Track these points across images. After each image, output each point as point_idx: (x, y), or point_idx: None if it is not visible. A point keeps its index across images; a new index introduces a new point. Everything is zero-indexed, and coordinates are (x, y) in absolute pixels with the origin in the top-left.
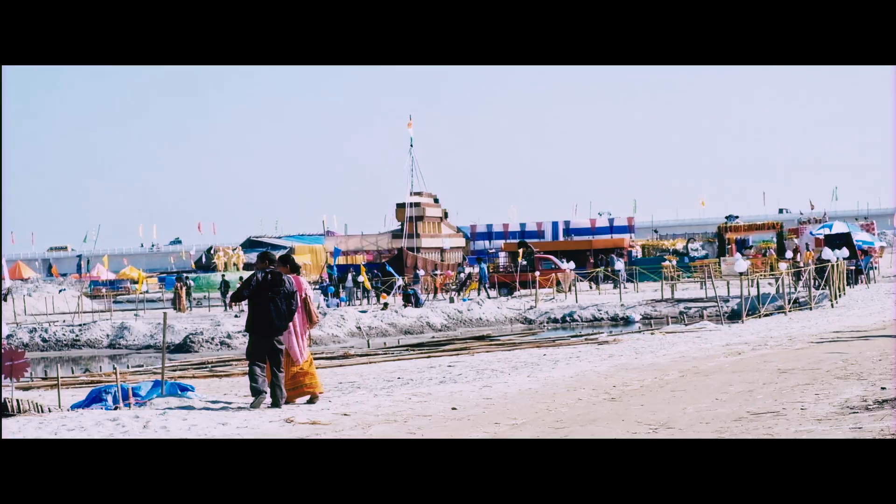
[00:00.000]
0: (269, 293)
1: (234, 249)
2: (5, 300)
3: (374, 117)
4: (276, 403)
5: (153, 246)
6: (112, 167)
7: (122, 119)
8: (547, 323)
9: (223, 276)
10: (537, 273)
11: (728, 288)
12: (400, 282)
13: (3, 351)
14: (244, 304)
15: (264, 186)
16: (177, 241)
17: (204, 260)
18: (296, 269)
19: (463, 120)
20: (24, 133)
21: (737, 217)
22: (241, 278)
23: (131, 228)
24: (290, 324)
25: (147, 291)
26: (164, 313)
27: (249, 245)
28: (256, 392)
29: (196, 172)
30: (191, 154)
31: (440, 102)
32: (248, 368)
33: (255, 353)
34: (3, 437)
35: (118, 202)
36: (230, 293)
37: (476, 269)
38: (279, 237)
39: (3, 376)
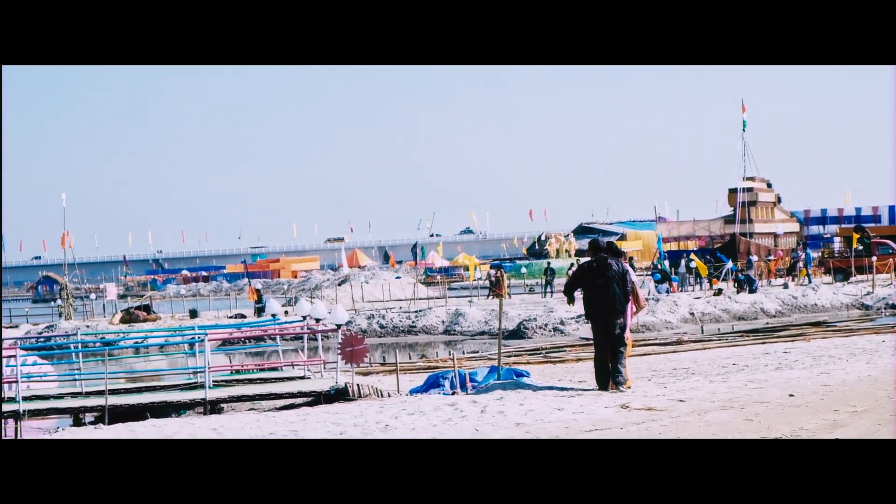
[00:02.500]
0: (598, 280)
1: (565, 236)
2: (340, 287)
3: (706, 101)
4: (615, 386)
5: (482, 233)
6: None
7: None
8: (885, 309)
9: (548, 263)
10: (874, 258)
11: None
12: (732, 267)
13: (343, 337)
14: (578, 294)
15: (595, 173)
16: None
17: (536, 247)
18: (618, 255)
19: (796, 104)
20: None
21: None
22: (571, 265)
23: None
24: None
25: (480, 278)
26: (500, 300)
27: (581, 231)
28: (598, 379)
29: (527, 159)
30: (521, 141)
31: (774, 86)
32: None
33: (596, 338)
34: (347, 421)
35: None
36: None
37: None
38: (610, 223)
39: (343, 361)
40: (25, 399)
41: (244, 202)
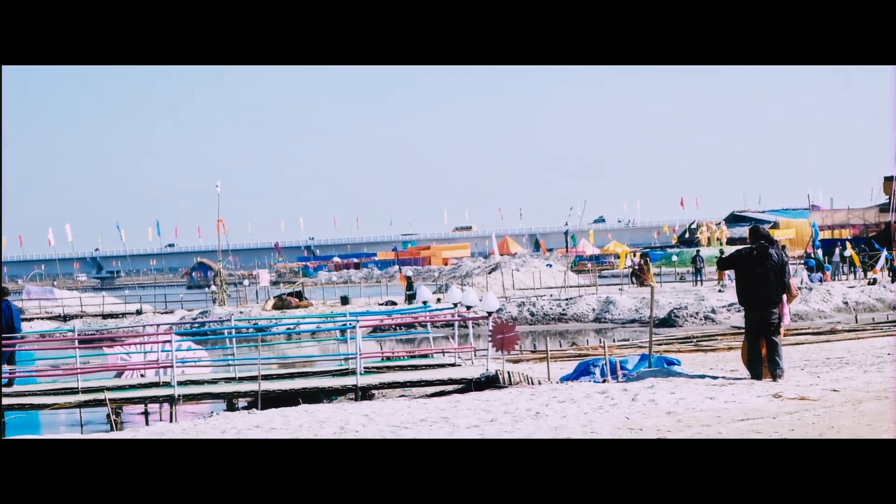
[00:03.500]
0: (756, 268)
1: (717, 224)
2: (490, 274)
3: (860, 89)
4: (768, 376)
5: (629, 221)
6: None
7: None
8: None
9: (697, 251)
10: None
11: None
12: (887, 256)
13: (494, 324)
14: (727, 280)
15: (747, 160)
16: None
17: (687, 235)
18: (771, 243)
19: None
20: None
21: None
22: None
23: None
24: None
25: (630, 266)
26: (651, 288)
27: (733, 220)
28: (751, 367)
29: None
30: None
31: None
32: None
33: (749, 327)
34: (498, 409)
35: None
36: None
37: None
38: (762, 211)
39: (494, 349)
40: (180, 384)
41: (396, 189)
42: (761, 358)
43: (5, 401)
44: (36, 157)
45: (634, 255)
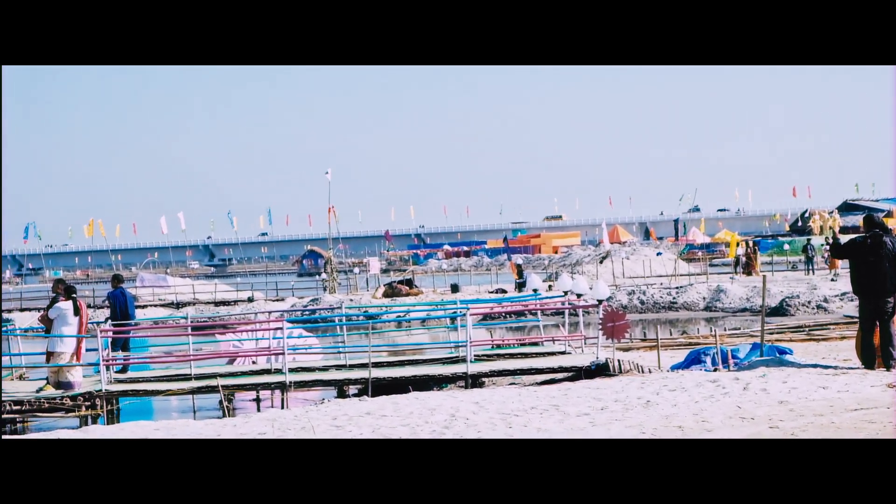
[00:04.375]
0: (869, 257)
1: (829, 213)
2: (601, 263)
3: None
4: (882, 365)
5: (738, 210)
6: (712, 130)
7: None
8: None
9: (808, 240)
10: None
11: None
12: None
13: (604, 313)
14: (840, 269)
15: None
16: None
17: (799, 223)
18: (884, 231)
19: None
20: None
21: None
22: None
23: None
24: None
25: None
26: (763, 276)
27: (846, 209)
28: (864, 357)
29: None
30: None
31: None
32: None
33: (863, 316)
34: (608, 396)
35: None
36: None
37: None
38: (876, 200)
39: (604, 337)
40: (291, 371)
41: (506, 177)
42: (874, 347)
43: (120, 387)
44: (150, 146)
45: (744, 245)
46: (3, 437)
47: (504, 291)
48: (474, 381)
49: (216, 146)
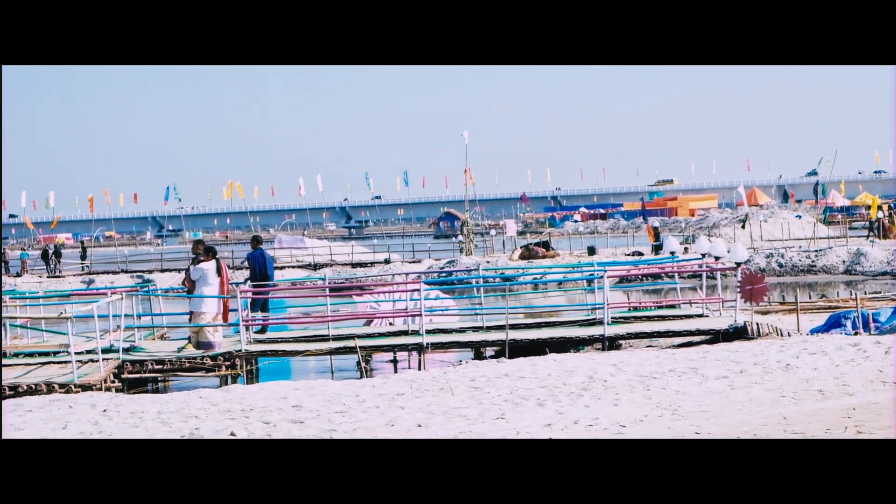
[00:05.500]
0: None
1: None
2: (742, 226)
3: None
4: None
5: (879, 171)
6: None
7: None
8: None
9: None
10: None
11: None
12: None
13: (743, 276)
14: None
15: None
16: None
17: None
18: None
19: None
20: None
21: None
22: None
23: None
24: None
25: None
26: None
27: None
28: None
29: None
30: None
31: None
32: None
33: None
34: (747, 360)
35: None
36: None
37: None
38: None
39: (743, 300)
40: (429, 332)
41: (642, 139)
42: None
43: (259, 347)
44: (289, 108)
45: (886, 207)
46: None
47: (640, 254)
48: (611, 343)
49: (355, 108)
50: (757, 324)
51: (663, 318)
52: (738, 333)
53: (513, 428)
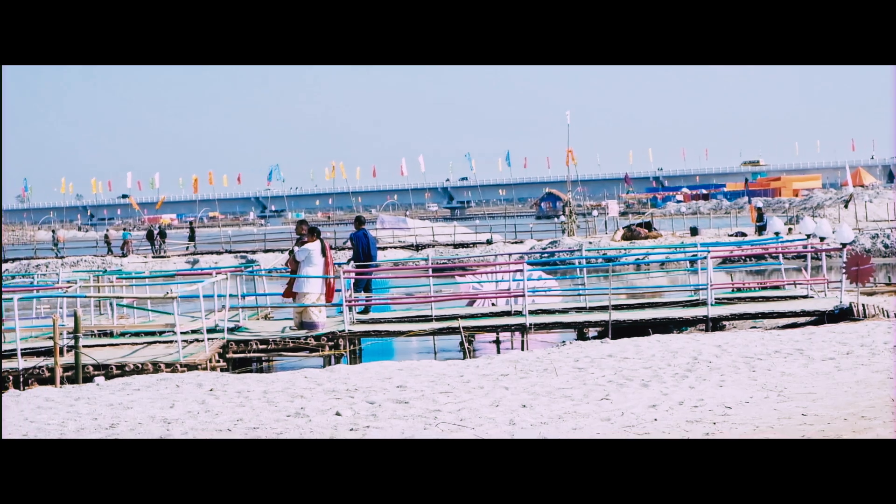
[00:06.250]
0: None
1: None
2: (846, 206)
3: None
4: None
5: None
6: None
7: None
8: None
9: None
10: None
11: None
12: None
13: (849, 256)
14: None
15: None
16: None
17: None
18: None
19: None
20: None
21: None
22: None
23: None
24: None
25: None
26: None
27: None
28: None
29: None
30: None
31: None
32: None
33: None
34: (854, 341)
35: None
36: None
37: None
38: None
39: (848, 281)
40: (531, 313)
41: (745, 119)
42: None
43: (362, 327)
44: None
45: None
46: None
47: (744, 234)
48: (715, 324)
49: (456, 89)
50: (863, 305)
51: (767, 298)
52: (843, 315)
53: (617, 409)
